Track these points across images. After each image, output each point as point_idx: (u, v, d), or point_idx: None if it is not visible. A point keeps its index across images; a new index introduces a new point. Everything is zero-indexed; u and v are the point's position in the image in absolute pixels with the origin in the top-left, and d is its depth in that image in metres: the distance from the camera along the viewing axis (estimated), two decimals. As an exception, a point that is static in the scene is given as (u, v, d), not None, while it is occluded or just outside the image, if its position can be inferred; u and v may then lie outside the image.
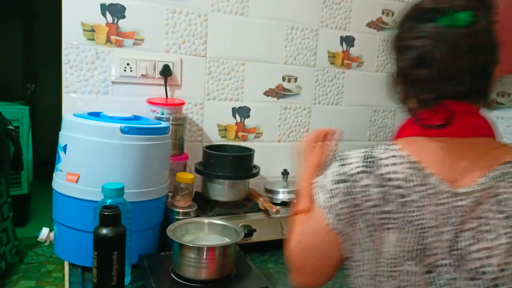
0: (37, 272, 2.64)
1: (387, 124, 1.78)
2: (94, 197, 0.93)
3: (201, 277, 0.92)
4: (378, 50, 1.69)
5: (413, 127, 0.63)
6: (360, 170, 0.60)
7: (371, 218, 0.60)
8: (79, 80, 1.25)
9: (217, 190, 1.24)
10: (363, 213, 0.60)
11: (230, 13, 1.40)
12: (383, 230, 0.59)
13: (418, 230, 0.58)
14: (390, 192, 0.58)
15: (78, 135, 0.96)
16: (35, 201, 3.52)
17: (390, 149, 0.61)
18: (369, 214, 0.60)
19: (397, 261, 0.59)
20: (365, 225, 0.60)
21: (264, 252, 1.20)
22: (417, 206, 0.57)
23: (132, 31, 1.29)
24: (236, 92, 1.46)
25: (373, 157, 0.61)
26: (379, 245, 0.60)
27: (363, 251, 0.62)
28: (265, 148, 1.54)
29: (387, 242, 0.59)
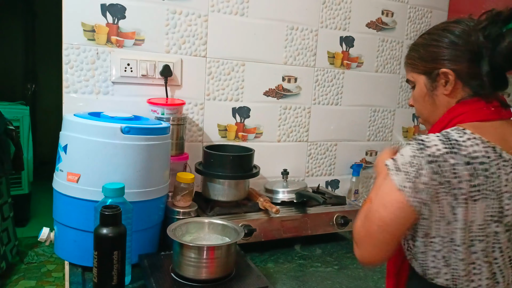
0: (37, 272, 2.64)
1: (386, 124, 1.78)
2: (94, 197, 0.93)
3: (201, 276, 0.92)
4: (378, 50, 1.69)
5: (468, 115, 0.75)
6: (448, 151, 0.69)
7: (461, 192, 0.68)
8: (79, 80, 1.26)
9: (217, 190, 1.25)
10: (451, 188, 0.68)
11: (230, 13, 1.41)
12: (473, 201, 0.69)
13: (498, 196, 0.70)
14: (477, 168, 0.69)
15: (79, 135, 0.96)
16: (35, 201, 3.52)
17: (464, 133, 0.71)
18: (457, 189, 0.68)
19: (485, 225, 0.70)
20: (452, 199, 0.69)
21: (264, 252, 1.20)
22: (496, 176, 0.70)
23: (132, 31, 1.29)
24: (236, 92, 1.47)
25: (454, 140, 0.70)
26: (468, 215, 0.69)
27: (447, 223, 0.70)
28: (265, 148, 1.54)
29: (477, 211, 0.69)
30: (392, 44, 1.71)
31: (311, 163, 1.64)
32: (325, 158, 1.67)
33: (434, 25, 0.85)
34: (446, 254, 0.71)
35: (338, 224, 1.29)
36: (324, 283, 1.06)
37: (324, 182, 1.68)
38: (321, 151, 1.66)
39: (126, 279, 0.90)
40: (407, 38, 1.74)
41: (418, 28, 1.76)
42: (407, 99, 1.80)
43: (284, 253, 1.21)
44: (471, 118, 0.74)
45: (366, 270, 1.14)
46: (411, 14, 1.73)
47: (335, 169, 1.70)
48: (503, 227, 0.70)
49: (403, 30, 1.73)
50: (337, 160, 1.70)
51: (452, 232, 0.70)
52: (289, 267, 1.13)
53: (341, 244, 1.31)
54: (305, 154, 1.63)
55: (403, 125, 1.82)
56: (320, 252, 1.25)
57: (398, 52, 1.73)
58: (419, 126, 1.86)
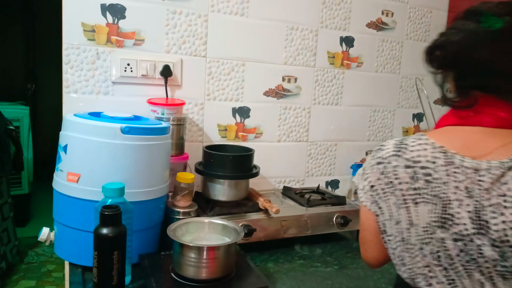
0: (37, 272, 2.64)
1: (386, 124, 1.78)
2: (94, 197, 0.93)
3: (201, 276, 0.92)
4: (378, 50, 1.69)
5: (449, 118, 0.76)
6: (392, 154, 0.73)
7: (401, 193, 0.70)
8: (79, 80, 1.26)
9: (217, 190, 1.25)
10: (394, 189, 0.71)
11: (230, 13, 1.41)
12: (414, 203, 0.69)
13: (443, 202, 0.67)
14: (417, 171, 0.69)
15: (79, 135, 0.96)
16: (35, 201, 3.52)
17: (419, 138, 0.73)
18: (398, 190, 0.71)
19: (429, 229, 0.68)
20: (396, 199, 0.71)
21: (264, 251, 1.20)
22: (442, 182, 0.67)
23: (132, 31, 1.29)
24: (236, 92, 1.47)
25: (403, 144, 0.73)
26: (412, 217, 0.70)
27: (396, 223, 0.72)
28: (265, 148, 1.55)
29: (420, 214, 0.69)
30: (392, 44, 1.72)
31: (311, 163, 1.64)
32: (325, 158, 1.67)
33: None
34: (401, 253, 0.73)
35: (338, 224, 1.29)
36: (324, 283, 1.06)
37: (324, 182, 1.69)
38: (321, 151, 1.66)
39: (126, 279, 0.90)
40: (407, 38, 1.74)
41: (418, 28, 1.76)
42: (407, 99, 1.80)
43: (284, 253, 1.21)
44: (447, 122, 0.76)
45: (366, 270, 1.14)
46: (411, 14, 1.73)
47: (335, 169, 1.70)
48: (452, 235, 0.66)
49: (403, 30, 1.73)
50: (337, 160, 1.70)
51: (401, 232, 0.72)
52: (289, 267, 1.13)
53: (341, 244, 1.31)
54: (305, 154, 1.63)
55: (403, 125, 1.82)
56: (320, 252, 1.25)
57: (398, 52, 1.74)
58: (419, 126, 1.86)
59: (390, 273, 1.12)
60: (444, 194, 0.67)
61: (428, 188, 0.68)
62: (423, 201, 0.68)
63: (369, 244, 0.80)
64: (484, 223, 0.64)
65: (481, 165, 0.65)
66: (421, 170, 0.69)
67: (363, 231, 0.81)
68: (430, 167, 0.68)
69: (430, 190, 0.68)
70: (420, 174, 0.69)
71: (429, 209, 0.68)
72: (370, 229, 0.79)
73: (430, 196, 0.68)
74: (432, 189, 0.68)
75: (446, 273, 0.68)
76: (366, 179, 0.76)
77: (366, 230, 0.80)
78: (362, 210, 0.79)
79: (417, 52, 1.78)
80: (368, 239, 0.80)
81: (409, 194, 0.70)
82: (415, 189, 0.69)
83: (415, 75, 1.80)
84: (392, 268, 1.16)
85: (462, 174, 0.66)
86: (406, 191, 0.70)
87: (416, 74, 1.80)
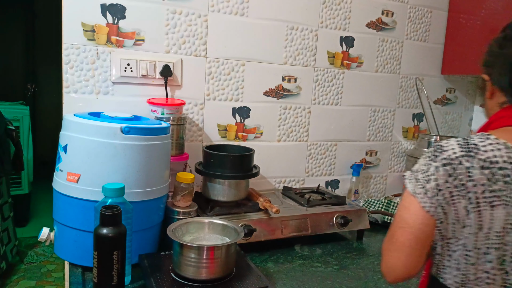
0: (37, 272, 2.64)
1: (386, 124, 1.78)
2: (94, 197, 0.93)
3: (201, 276, 0.92)
4: (378, 50, 1.69)
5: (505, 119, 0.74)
6: (463, 154, 0.69)
7: (475, 196, 0.67)
8: (79, 80, 1.26)
9: (217, 190, 1.25)
10: (466, 192, 0.68)
11: (230, 13, 1.41)
12: (490, 207, 0.67)
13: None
14: (495, 173, 0.67)
15: (79, 135, 0.96)
16: (35, 201, 3.52)
17: (487, 138, 0.70)
18: (472, 193, 0.67)
19: (503, 233, 0.67)
20: (467, 203, 0.68)
21: (264, 251, 1.20)
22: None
23: (132, 31, 1.29)
24: (236, 92, 1.47)
25: (473, 144, 0.70)
26: (484, 221, 0.67)
27: (463, 227, 0.69)
28: (265, 148, 1.55)
29: (495, 217, 0.67)
30: (392, 44, 1.71)
31: (311, 163, 1.64)
32: (325, 158, 1.67)
33: None
34: (459, 258, 0.71)
35: (338, 224, 1.29)
36: (324, 283, 1.06)
37: (324, 182, 1.69)
38: (321, 151, 1.66)
39: (126, 279, 0.90)
40: (407, 38, 1.74)
41: (418, 28, 1.76)
42: (407, 99, 1.80)
43: (284, 253, 1.21)
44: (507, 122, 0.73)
45: (366, 270, 1.14)
46: (411, 14, 1.73)
47: (335, 169, 1.70)
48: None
49: (403, 30, 1.73)
50: (337, 160, 1.70)
51: (465, 236, 0.69)
52: (289, 267, 1.13)
53: (341, 244, 1.31)
54: (305, 154, 1.63)
55: (403, 125, 1.82)
56: (320, 252, 1.25)
57: (398, 52, 1.74)
58: (419, 126, 1.86)
59: (390, 273, 1.12)
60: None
61: (507, 190, 0.66)
62: (501, 203, 0.66)
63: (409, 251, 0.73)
64: None
65: None
66: (499, 171, 0.67)
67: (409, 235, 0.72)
68: (508, 167, 0.67)
69: (510, 192, 0.66)
70: (498, 176, 0.66)
71: (507, 211, 0.66)
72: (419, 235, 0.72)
73: (509, 198, 0.66)
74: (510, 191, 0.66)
75: (505, 277, 0.68)
76: (429, 182, 0.70)
77: (413, 235, 0.72)
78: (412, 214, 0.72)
79: (417, 52, 1.78)
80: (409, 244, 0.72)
81: (485, 196, 0.67)
82: (492, 191, 0.66)
83: (415, 75, 1.80)
84: (392, 268, 1.16)
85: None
86: (482, 193, 0.67)
87: (416, 74, 1.80)
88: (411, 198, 0.72)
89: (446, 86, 1.89)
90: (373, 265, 1.17)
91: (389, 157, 1.82)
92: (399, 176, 1.86)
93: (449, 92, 1.90)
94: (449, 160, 0.69)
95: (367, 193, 1.80)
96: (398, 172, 1.85)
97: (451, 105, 1.92)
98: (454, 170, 0.68)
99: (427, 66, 1.82)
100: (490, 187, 0.66)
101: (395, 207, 1.51)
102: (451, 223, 0.70)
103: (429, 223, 0.71)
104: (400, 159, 1.84)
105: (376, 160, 1.79)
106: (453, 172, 0.68)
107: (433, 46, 1.81)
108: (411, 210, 0.72)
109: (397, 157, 1.83)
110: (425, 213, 0.71)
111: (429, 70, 1.83)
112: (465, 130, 1.99)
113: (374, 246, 1.31)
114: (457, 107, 1.94)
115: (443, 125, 1.93)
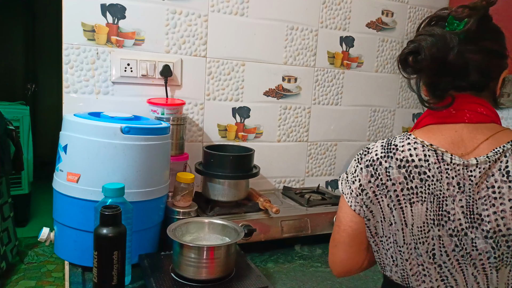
0: (37, 272, 2.64)
1: (386, 124, 1.78)
2: (94, 197, 0.93)
3: (201, 276, 0.92)
4: (378, 50, 1.69)
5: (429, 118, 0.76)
6: (383, 155, 0.72)
7: (396, 194, 0.70)
8: (79, 80, 1.26)
9: (217, 190, 1.25)
10: (387, 191, 0.71)
11: (230, 13, 1.41)
12: (410, 203, 0.70)
13: (438, 200, 0.68)
14: (411, 171, 0.70)
15: (79, 135, 0.96)
16: (35, 201, 3.52)
17: (406, 138, 0.73)
18: (391, 191, 0.71)
19: (425, 228, 0.69)
20: (389, 201, 0.71)
21: (264, 252, 1.20)
22: (436, 180, 0.69)
23: (132, 31, 1.29)
24: (236, 92, 1.47)
25: (392, 145, 0.73)
26: (406, 217, 0.70)
27: (390, 224, 0.72)
28: (265, 148, 1.54)
29: (415, 213, 0.69)
30: (392, 44, 1.71)
31: (311, 163, 1.64)
32: (325, 158, 1.67)
33: None
34: (393, 255, 0.73)
35: (338, 224, 1.29)
36: (324, 283, 1.06)
37: (324, 182, 1.69)
38: (321, 151, 1.66)
39: (126, 279, 0.90)
40: (407, 38, 1.74)
41: (418, 28, 1.76)
42: (407, 99, 1.80)
43: (284, 253, 1.21)
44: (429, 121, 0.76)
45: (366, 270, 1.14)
46: (411, 14, 1.73)
47: (335, 169, 1.70)
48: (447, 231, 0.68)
49: (403, 30, 1.73)
50: (337, 160, 1.70)
51: (394, 233, 0.72)
52: (289, 267, 1.13)
53: (341, 244, 1.31)
54: (305, 154, 1.63)
55: (403, 125, 1.82)
56: (320, 252, 1.25)
57: (398, 52, 1.73)
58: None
59: (390, 273, 1.12)
60: (440, 191, 0.68)
61: (423, 186, 0.69)
62: (419, 200, 0.69)
63: (342, 247, 0.79)
64: (477, 217, 0.67)
65: (470, 161, 0.67)
66: (415, 169, 0.69)
67: (341, 232, 0.78)
68: (424, 165, 0.69)
69: (426, 188, 0.69)
70: (414, 173, 0.69)
71: (425, 207, 0.69)
72: (350, 232, 0.77)
73: (426, 194, 0.69)
74: (428, 187, 0.69)
75: (440, 270, 0.69)
76: (354, 183, 0.75)
77: (345, 232, 0.78)
78: (343, 213, 0.78)
79: (417, 52, 1.78)
80: (343, 241, 0.78)
81: (404, 194, 0.70)
82: (410, 188, 0.69)
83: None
84: (392, 268, 1.16)
85: (454, 171, 0.68)
86: (401, 191, 0.70)
87: (416, 74, 1.80)
88: (342, 197, 0.79)
89: (446, 86, 1.89)
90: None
91: (389, 157, 1.82)
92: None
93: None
94: (371, 161, 0.73)
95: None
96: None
97: (451, 105, 1.92)
98: (376, 170, 0.72)
99: (427, 66, 1.82)
100: (407, 185, 0.69)
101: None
102: (380, 221, 0.74)
103: (357, 220, 0.76)
104: (400, 159, 1.84)
105: (376, 160, 1.78)
106: (374, 173, 0.72)
107: (433, 46, 1.81)
108: (342, 209, 0.78)
109: (397, 157, 1.83)
110: (352, 211, 0.76)
111: (429, 70, 1.83)
112: (465, 130, 1.99)
113: (374, 246, 1.31)
114: (457, 107, 1.94)
115: (443, 125, 1.92)
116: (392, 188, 0.71)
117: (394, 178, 0.70)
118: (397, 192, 0.70)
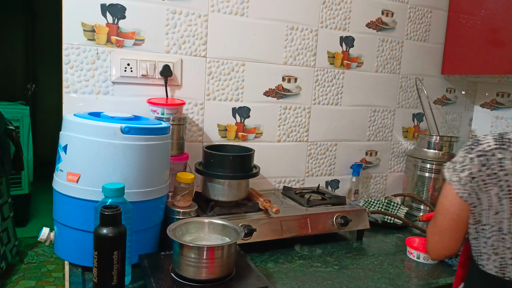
0: (37, 272, 2.64)
1: (386, 124, 1.78)
2: (94, 197, 0.93)
3: (201, 276, 0.92)
4: (378, 50, 1.69)
5: None
6: (497, 147, 0.78)
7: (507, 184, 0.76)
8: (79, 80, 1.26)
9: (217, 190, 1.25)
10: (498, 180, 0.77)
11: (230, 13, 1.41)
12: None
13: None
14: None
15: (79, 135, 0.96)
16: (35, 201, 3.52)
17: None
18: (503, 181, 0.76)
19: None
20: (499, 190, 0.77)
21: (264, 252, 1.20)
22: None
23: (132, 31, 1.29)
24: (236, 92, 1.47)
25: (506, 138, 0.79)
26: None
27: (496, 213, 0.77)
28: (265, 148, 1.55)
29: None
30: (392, 44, 1.72)
31: (311, 163, 1.65)
32: (325, 158, 1.67)
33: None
34: (495, 243, 0.78)
35: (338, 224, 1.29)
36: (324, 283, 1.06)
37: (324, 182, 1.69)
38: (321, 151, 1.66)
39: (126, 279, 0.90)
40: (407, 38, 1.74)
41: (418, 28, 1.76)
42: (407, 99, 1.80)
43: (284, 253, 1.21)
44: None
45: (366, 270, 1.14)
46: (411, 14, 1.73)
47: (335, 169, 1.70)
48: None
49: (403, 30, 1.73)
50: (337, 160, 1.70)
51: (500, 221, 0.77)
52: (289, 267, 1.13)
53: (341, 244, 1.31)
54: (305, 154, 1.63)
55: (403, 125, 1.82)
56: (320, 252, 1.25)
57: (398, 52, 1.74)
58: (419, 126, 1.86)
59: (389, 273, 1.12)
60: None
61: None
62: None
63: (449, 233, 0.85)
64: None
65: None
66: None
67: (448, 220, 0.84)
68: None
69: None
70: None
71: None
72: (456, 219, 0.83)
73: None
74: None
75: None
76: (463, 171, 0.80)
77: (452, 219, 0.83)
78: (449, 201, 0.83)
79: (417, 52, 1.78)
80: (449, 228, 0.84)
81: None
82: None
83: (415, 75, 1.80)
84: (392, 268, 1.16)
85: None
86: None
87: (416, 74, 1.80)
88: (448, 186, 0.84)
89: (446, 86, 1.89)
90: (373, 265, 1.17)
91: (389, 157, 1.82)
92: (399, 176, 1.86)
93: (449, 92, 1.90)
94: (483, 152, 0.79)
95: (367, 193, 1.80)
96: (398, 172, 1.85)
97: (451, 105, 1.92)
98: (488, 160, 0.78)
99: (427, 66, 1.82)
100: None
101: (395, 207, 1.51)
102: (485, 209, 0.78)
103: (464, 208, 0.81)
104: (400, 159, 1.84)
105: (376, 160, 1.79)
106: (486, 162, 0.78)
107: (433, 46, 1.81)
108: (448, 197, 0.84)
109: (397, 157, 1.83)
110: (459, 199, 0.81)
111: (429, 70, 1.83)
112: (465, 130, 1.99)
113: (374, 246, 1.31)
114: (457, 107, 1.94)
115: (443, 125, 1.93)
116: (504, 178, 0.76)
117: (507, 169, 0.76)
118: (508, 182, 0.76)
